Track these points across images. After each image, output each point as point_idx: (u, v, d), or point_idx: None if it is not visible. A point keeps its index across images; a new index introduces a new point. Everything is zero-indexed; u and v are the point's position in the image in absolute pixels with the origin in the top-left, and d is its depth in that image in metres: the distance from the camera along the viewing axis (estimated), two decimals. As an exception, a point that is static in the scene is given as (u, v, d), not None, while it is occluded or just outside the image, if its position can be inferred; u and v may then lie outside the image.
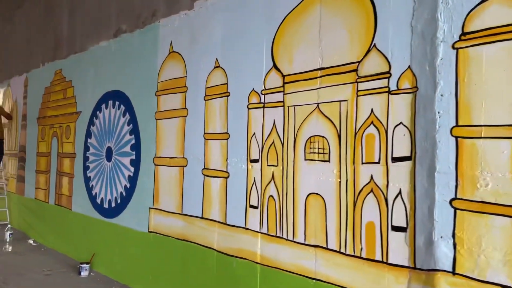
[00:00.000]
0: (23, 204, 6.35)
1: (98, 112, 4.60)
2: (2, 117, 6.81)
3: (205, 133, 3.18)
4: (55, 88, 5.59)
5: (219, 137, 3.06)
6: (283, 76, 2.61)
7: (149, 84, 3.81)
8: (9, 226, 5.33)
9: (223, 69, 3.06)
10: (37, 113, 6.08)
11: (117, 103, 4.27)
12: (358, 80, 2.20)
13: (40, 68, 6.08)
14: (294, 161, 2.51)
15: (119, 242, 4.09)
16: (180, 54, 3.48)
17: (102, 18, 4.59)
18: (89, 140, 4.74)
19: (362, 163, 2.16)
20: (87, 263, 4.27)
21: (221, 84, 3.06)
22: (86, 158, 4.77)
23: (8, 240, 5.24)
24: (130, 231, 3.93)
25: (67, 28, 5.40)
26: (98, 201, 4.46)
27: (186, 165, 3.35)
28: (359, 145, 2.18)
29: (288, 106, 2.57)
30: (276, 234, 2.59)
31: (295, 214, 2.49)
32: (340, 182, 2.26)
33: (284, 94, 2.60)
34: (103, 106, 4.51)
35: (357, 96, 2.21)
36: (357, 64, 2.21)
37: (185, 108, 3.39)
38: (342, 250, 2.22)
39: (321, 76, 2.39)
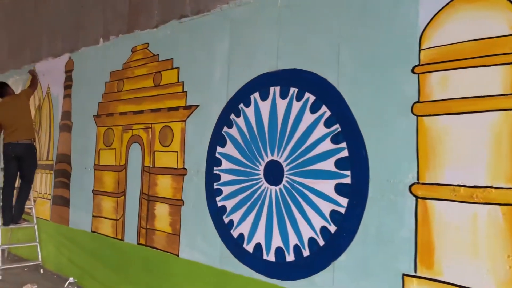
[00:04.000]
0: (67, 238, 4.50)
1: (241, 105, 2.91)
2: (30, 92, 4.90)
3: None
4: (135, 72, 3.83)
5: None
6: None
7: (390, 55, 2.19)
8: (71, 280, 3.51)
9: None
10: (94, 109, 4.28)
11: (293, 90, 2.61)
12: None
13: (101, 44, 4.29)
14: None
15: (312, 324, 2.42)
16: (500, -6, 1.88)
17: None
18: (219, 150, 3.03)
19: None
20: None
21: None
22: (212, 177, 3.06)
23: (69, 301, 3.44)
24: (344, 308, 2.27)
25: (161, -17, 3.68)
26: (249, 248, 2.76)
27: (531, 203, 1.74)
28: None
29: None
30: None
31: None
32: None
33: None
34: (255, 96, 2.82)
35: None
36: None
37: (520, 93, 1.79)
38: None
39: None
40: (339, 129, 2.37)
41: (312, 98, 2.51)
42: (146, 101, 3.68)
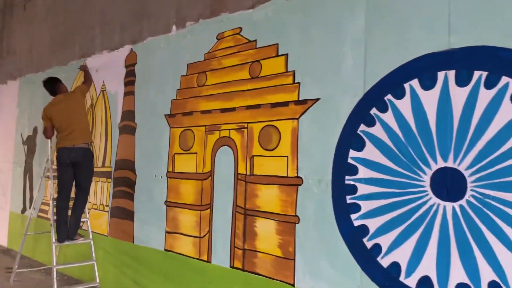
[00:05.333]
0: (131, 256, 3.90)
1: (389, 97, 2.28)
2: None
3: None
4: (223, 63, 3.24)
5: None
6: None
7: None
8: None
9: None
10: (166, 108, 3.69)
11: (479, 74, 1.97)
12: None
13: (173, 33, 3.71)
14: None
15: None
16: None
17: None
18: (354, 154, 2.40)
19: None
20: None
21: None
22: (344, 189, 2.43)
23: None
24: None
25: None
26: (410, 282, 2.12)
27: None
28: None
29: None
30: None
31: None
32: None
33: None
34: (412, 84, 2.20)
35: None
36: None
37: None
38: None
39: None
40: None
41: (514, 83, 1.88)
42: (239, 96, 3.08)
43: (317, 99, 2.61)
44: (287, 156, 2.74)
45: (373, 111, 2.34)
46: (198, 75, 3.42)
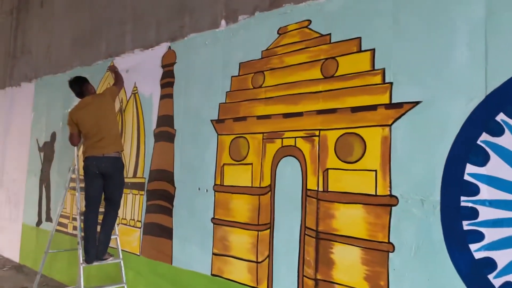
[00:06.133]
0: (169, 280, 3.44)
1: (525, 99, 1.85)
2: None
3: None
4: (285, 61, 2.81)
5: None
6: None
7: None
8: None
9: None
10: (213, 112, 3.25)
11: None
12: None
13: (222, 28, 3.29)
14: None
15: None
16: None
17: None
18: (473, 169, 1.96)
19: None
20: None
21: None
22: (459, 212, 1.98)
23: None
24: None
25: None
26: None
27: None
28: None
29: None
30: None
31: None
32: None
33: None
34: (559, 83, 1.76)
35: None
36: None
37: None
38: None
39: None
40: None
41: None
42: (308, 98, 2.64)
43: (417, 102, 2.17)
44: (375, 170, 2.30)
45: (500, 117, 1.91)
46: (254, 75, 2.99)
